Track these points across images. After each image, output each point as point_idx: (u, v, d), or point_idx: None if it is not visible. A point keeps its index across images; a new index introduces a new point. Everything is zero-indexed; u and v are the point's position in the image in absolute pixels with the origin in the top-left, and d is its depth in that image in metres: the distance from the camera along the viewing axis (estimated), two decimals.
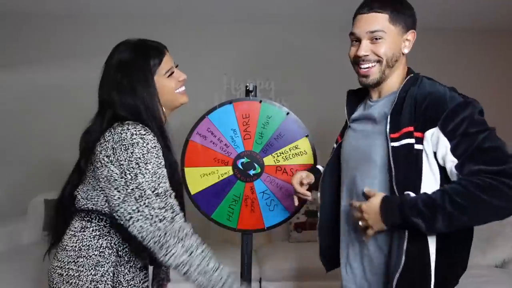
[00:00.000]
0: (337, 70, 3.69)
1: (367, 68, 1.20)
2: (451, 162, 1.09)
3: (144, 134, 1.17)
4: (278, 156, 1.82)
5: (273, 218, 1.84)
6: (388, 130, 1.16)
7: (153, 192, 1.14)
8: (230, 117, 1.81)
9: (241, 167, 1.81)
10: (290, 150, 1.82)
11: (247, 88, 1.86)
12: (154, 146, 1.17)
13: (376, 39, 1.16)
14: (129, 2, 3.24)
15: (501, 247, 2.59)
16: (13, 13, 3.43)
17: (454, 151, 1.09)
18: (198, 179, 1.80)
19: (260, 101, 1.83)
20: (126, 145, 1.13)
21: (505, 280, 2.35)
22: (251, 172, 1.82)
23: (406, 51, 1.21)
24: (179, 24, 3.62)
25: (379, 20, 1.16)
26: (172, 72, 1.32)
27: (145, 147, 1.15)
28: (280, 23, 3.66)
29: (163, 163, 1.18)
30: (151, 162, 1.15)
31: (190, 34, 3.64)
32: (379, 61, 1.19)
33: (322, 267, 1.49)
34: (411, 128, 1.13)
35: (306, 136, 1.82)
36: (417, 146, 1.13)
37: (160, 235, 1.13)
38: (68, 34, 3.49)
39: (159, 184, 1.15)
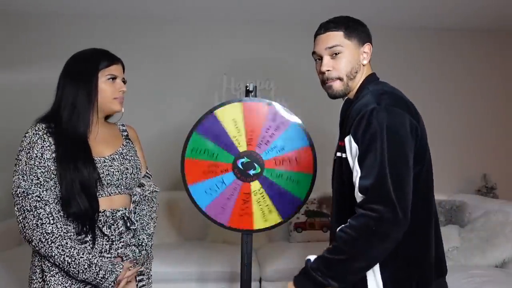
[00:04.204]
0: None
1: (330, 84, 1.29)
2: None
3: (26, 132, 1.30)
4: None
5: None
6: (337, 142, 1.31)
7: (15, 192, 1.25)
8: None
9: (241, 166, 1.81)
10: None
11: (247, 88, 1.86)
12: (29, 142, 1.28)
13: (336, 54, 1.25)
14: (130, 4, 3.24)
15: (501, 247, 2.59)
16: (12, 13, 3.43)
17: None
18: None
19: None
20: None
21: (505, 280, 2.34)
22: (251, 172, 1.81)
23: (365, 62, 1.29)
24: (179, 25, 3.62)
25: (335, 37, 1.26)
26: (114, 78, 1.40)
27: (21, 145, 1.29)
28: (280, 23, 3.66)
29: (37, 160, 1.26)
30: (20, 160, 1.27)
31: (190, 34, 3.65)
32: (339, 78, 1.27)
33: None
34: (342, 143, 1.24)
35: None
36: (343, 155, 1.21)
37: (25, 237, 1.26)
38: (67, 34, 3.49)
39: (19, 184, 1.25)
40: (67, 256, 1.24)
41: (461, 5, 3.22)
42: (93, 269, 1.26)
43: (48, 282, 1.27)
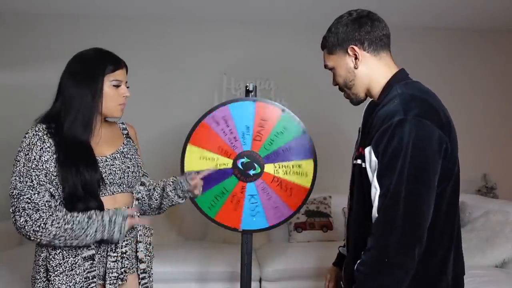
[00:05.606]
0: None
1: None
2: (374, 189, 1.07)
3: (26, 133, 1.30)
4: (279, 168, 1.82)
5: (251, 223, 1.84)
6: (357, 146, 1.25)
7: (11, 193, 1.25)
8: (249, 114, 1.81)
9: (241, 167, 1.81)
10: (292, 166, 1.82)
11: (247, 88, 1.86)
12: (28, 144, 1.28)
13: (331, 71, 1.28)
14: (130, 4, 3.24)
15: (501, 247, 2.59)
16: (12, 13, 3.44)
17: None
18: (196, 160, 1.80)
19: (283, 111, 1.82)
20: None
21: (505, 280, 2.34)
22: (251, 172, 1.81)
23: (358, 66, 1.21)
24: (179, 25, 3.63)
25: (324, 57, 1.30)
26: (119, 85, 1.39)
27: (21, 146, 1.28)
28: (280, 23, 3.66)
29: (34, 162, 1.25)
30: (19, 161, 1.26)
31: (190, 35, 3.65)
32: (341, 89, 1.29)
33: (322, 267, 1.50)
34: (362, 150, 1.15)
35: (313, 159, 1.82)
36: (363, 165, 1.13)
37: (23, 235, 1.26)
38: (67, 35, 3.49)
39: (16, 185, 1.25)
40: (65, 224, 1.23)
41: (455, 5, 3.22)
42: (97, 219, 1.26)
43: (52, 282, 1.27)
